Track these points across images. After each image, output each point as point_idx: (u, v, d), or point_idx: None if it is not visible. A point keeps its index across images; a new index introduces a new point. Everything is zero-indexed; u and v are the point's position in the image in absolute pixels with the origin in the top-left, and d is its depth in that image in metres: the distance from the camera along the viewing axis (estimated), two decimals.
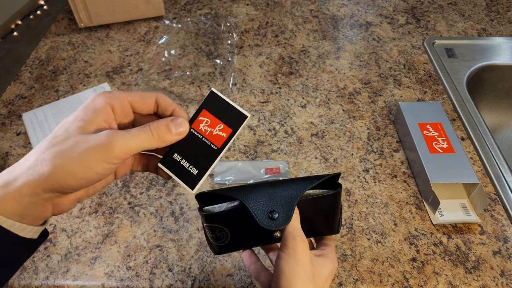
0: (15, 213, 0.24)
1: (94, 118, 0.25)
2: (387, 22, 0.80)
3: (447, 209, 0.49)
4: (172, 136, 0.27)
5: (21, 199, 0.24)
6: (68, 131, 0.25)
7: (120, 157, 0.24)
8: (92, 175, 0.24)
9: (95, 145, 0.24)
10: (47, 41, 0.76)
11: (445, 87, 0.66)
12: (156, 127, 0.26)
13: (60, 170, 0.23)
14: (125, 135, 0.25)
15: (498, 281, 0.43)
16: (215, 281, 0.43)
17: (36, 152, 0.24)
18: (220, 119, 0.29)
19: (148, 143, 0.26)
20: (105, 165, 0.24)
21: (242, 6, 0.85)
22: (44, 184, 0.23)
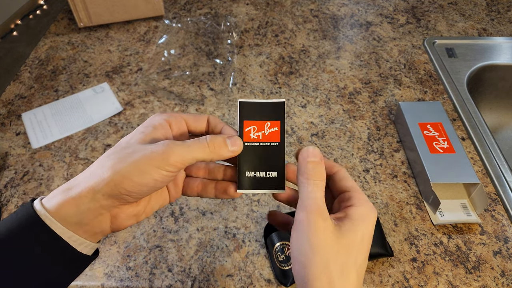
0: (73, 220, 0.25)
1: (154, 132, 0.27)
2: (388, 22, 0.80)
3: (448, 209, 0.48)
4: (227, 151, 0.28)
5: (80, 204, 0.25)
6: (129, 142, 0.26)
7: (175, 165, 0.25)
8: (148, 180, 0.25)
9: (151, 152, 0.25)
10: (47, 41, 0.76)
11: (446, 87, 0.66)
12: (213, 139, 0.27)
13: (118, 174, 0.24)
14: (181, 144, 0.26)
15: (499, 281, 0.43)
16: (215, 281, 0.43)
17: (98, 160, 0.26)
18: (263, 119, 0.30)
19: (203, 154, 0.26)
20: (160, 171, 0.25)
21: (242, 5, 0.84)
22: (103, 189, 0.24)
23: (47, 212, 0.25)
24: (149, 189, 0.26)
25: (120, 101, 0.64)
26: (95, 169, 0.25)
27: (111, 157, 0.25)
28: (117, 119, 0.61)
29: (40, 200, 0.26)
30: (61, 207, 0.25)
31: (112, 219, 0.27)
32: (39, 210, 0.25)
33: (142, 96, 0.65)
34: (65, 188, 0.26)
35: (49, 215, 0.25)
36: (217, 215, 0.49)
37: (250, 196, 0.51)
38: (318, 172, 0.26)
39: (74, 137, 0.59)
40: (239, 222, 0.48)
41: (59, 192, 0.26)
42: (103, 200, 0.25)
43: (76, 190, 0.25)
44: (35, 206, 0.26)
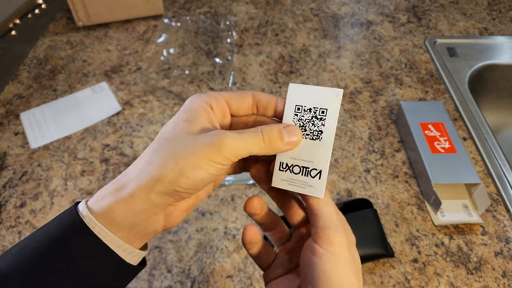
0: (126, 223, 0.23)
1: (197, 119, 0.24)
2: (388, 21, 0.80)
3: (449, 210, 0.48)
4: (284, 145, 0.25)
5: (134, 205, 0.23)
6: (175, 132, 0.24)
7: (229, 159, 0.23)
8: (203, 175, 0.23)
9: (205, 145, 0.23)
10: (45, 40, 0.76)
11: (447, 86, 0.65)
12: (269, 131, 0.24)
13: (173, 171, 0.22)
14: (236, 137, 0.23)
15: (500, 282, 0.43)
16: (214, 282, 0.43)
17: (147, 154, 0.24)
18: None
19: (258, 148, 0.24)
20: (216, 165, 0.23)
21: (242, 4, 0.84)
22: (156, 187, 0.22)
23: (94, 217, 0.23)
24: (204, 183, 0.23)
25: (119, 101, 0.64)
26: (145, 166, 0.23)
27: (160, 152, 0.23)
28: (116, 119, 0.61)
29: (86, 202, 0.24)
30: (112, 209, 0.23)
31: (165, 217, 0.25)
32: (85, 215, 0.23)
33: (141, 96, 0.65)
34: (114, 188, 0.23)
35: (97, 221, 0.22)
36: (216, 215, 0.49)
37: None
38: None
39: (72, 137, 0.59)
40: (239, 223, 0.48)
41: (108, 192, 0.23)
42: (157, 200, 0.23)
43: (126, 190, 0.23)
44: (80, 209, 0.23)
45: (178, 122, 0.24)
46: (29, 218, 0.49)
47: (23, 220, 0.49)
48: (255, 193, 0.51)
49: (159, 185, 0.22)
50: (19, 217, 0.49)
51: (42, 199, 0.51)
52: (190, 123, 0.24)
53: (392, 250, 0.45)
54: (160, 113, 0.62)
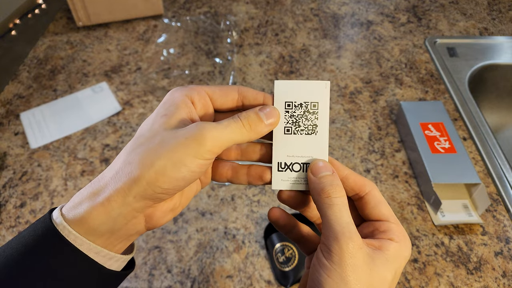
0: (104, 228, 0.21)
1: (176, 112, 0.23)
2: (388, 21, 0.80)
3: (449, 210, 0.48)
4: (264, 126, 0.24)
5: (111, 210, 0.21)
6: (152, 128, 0.22)
7: (213, 151, 0.22)
8: (185, 173, 0.21)
9: (185, 139, 0.21)
10: (45, 40, 0.76)
11: (447, 86, 0.65)
12: (246, 116, 0.23)
13: (151, 170, 0.21)
14: (216, 126, 0.22)
15: (500, 282, 0.43)
16: (214, 282, 0.43)
17: (122, 155, 0.22)
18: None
19: (240, 135, 0.23)
20: (198, 160, 0.21)
21: (242, 4, 0.84)
22: (134, 189, 0.21)
23: (69, 225, 0.21)
24: (186, 182, 0.22)
25: (119, 101, 0.64)
26: (122, 166, 0.21)
27: (137, 150, 0.22)
28: (116, 119, 0.61)
29: (60, 209, 0.22)
30: (88, 216, 0.21)
31: (146, 219, 0.23)
32: (59, 223, 0.21)
33: (141, 96, 0.65)
34: (90, 192, 0.22)
35: (72, 229, 0.21)
36: (216, 215, 0.49)
37: (250, 197, 0.51)
38: (336, 186, 0.23)
39: (72, 137, 0.59)
40: (239, 223, 0.48)
41: (84, 197, 0.22)
42: (136, 203, 0.21)
43: (103, 194, 0.21)
44: (54, 217, 0.22)
45: (156, 118, 0.23)
46: (29, 218, 0.49)
47: (23, 220, 0.49)
48: (255, 193, 0.51)
49: (137, 187, 0.21)
50: (19, 217, 0.49)
51: (42, 199, 0.51)
52: (168, 117, 0.23)
53: None
54: None
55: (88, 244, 0.21)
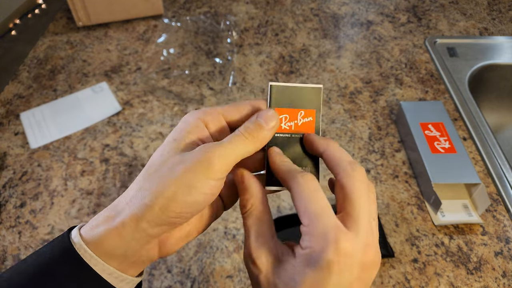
0: (118, 252, 0.22)
1: (186, 136, 0.23)
2: (388, 21, 0.80)
3: (449, 210, 0.48)
4: (267, 132, 0.24)
5: (125, 235, 0.22)
6: (163, 155, 0.23)
7: (222, 170, 0.22)
8: (197, 196, 0.21)
9: (193, 163, 0.21)
10: (45, 40, 0.76)
11: (447, 86, 0.65)
12: (246, 127, 0.24)
13: (162, 197, 0.21)
14: (220, 145, 0.22)
15: (500, 282, 0.43)
16: (214, 282, 0.43)
17: (138, 181, 0.23)
18: (296, 107, 0.26)
19: (245, 147, 0.23)
20: (209, 182, 0.21)
21: (242, 4, 0.84)
22: (148, 216, 0.21)
23: (86, 245, 0.22)
24: (199, 206, 0.22)
25: (119, 101, 0.64)
26: (135, 193, 0.22)
27: (149, 178, 0.22)
28: (116, 119, 0.61)
29: (79, 229, 0.23)
30: (104, 239, 0.22)
31: (160, 246, 0.23)
32: (76, 243, 0.22)
33: (141, 96, 0.65)
34: (106, 216, 0.22)
35: (88, 248, 0.22)
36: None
37: None
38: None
39: (72, 137, 0.59)
40: (239, 223, 0.48)
41: (101, 220, 0.22)
42: (150, 229, 0.22)
43: (118, 218, 0.22)
44: (72, 236, 0.22)
45: (166, 144, 0.23)
46: (29, 218, 0.49)
47: (23, 220, 0.49)
48: None
49: (149, 213, 0.21)
50: (19, 217, 0.49)
51: (42, 199, 0.51)
52: (177, 142, 0.23)
53: (392, 250, 0.45)
54: (160, 113, 0.62)
55: (102, 264, 0.22)
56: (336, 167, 0.23)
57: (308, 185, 0.22)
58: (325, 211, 0.21)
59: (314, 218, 0.21)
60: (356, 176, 0.22)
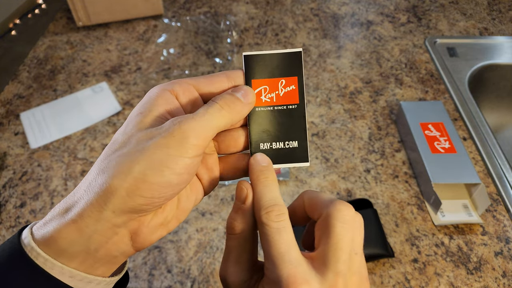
0: (78, 249, 0.18)
1: (153, 109, 0.20)
2: (388, 21, 0.80)
3: (449, 210, 0.48)
4: (244, 106, 0.21)
5: (84, 228, 0.18)
6: (126, 131, 0.20)
7: (198, 145, 0.19)
8: (170, 176, 0.18)
9: (164, 137, 0.18)
10: (45, 40, 0.76)
11: (447, 86, 0.65)
12: (221, 97, 0.21)
13: (128, 178, 0.18)
14: (193, 116, 0.19)
15: (500, 282, 0.43)
16: (214, 282, 0.43)
17: (95, 165, 0.19)
18: (276, 76, 0.23)
19: (222, 118, 0.20)
20: (183, 159, 0.18)
21: (242, 4, 0.84)
22: (112, 202, 0.18)
23: (38, 245, 0.18)
24: (173, 189, 0.19)
25: (119, 101, 0.64)
26: (94, 177, 0.19)
27: (111, 157, 0.19)
28: (116, 119, 0.61)
29: (31, 227, 0.19)
30: (58, 235, 0.18)
31: (132, 236, 0.20)
32: (26, 244, 0.18)
33: (141, 96, 0.65)
34: (62, 208, 0.19)
35: (40, 250, 0.18)
36: (216, 215, 0.49)
37: None
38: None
39: (72, 137, 0.59)
40: None
41: (55, 214, 0.19)
42: (115, 218, 0.18)
43: (76, 209, 0.19)
44: (22, 237, 0.19)
45: (130, 118, 0.20)
46: (29, 218, 0.49)
47: (23, 220, 0.49)
48: None
49: (114, 199, 0.18)
50: (19, 217, 0.49)
51: (42, 199, 0.51)
52: (143, 116, 0.20)
53: (392, 250, 0.45)
54: None
55: (60, 267, 0.18)
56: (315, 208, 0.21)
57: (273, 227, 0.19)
58: (284, 257, 0.19)
59: (270, 262, 0.19)
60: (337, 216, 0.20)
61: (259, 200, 0.21)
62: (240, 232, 0.21)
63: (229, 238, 0.21)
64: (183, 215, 0.22)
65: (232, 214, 0.21)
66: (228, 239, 0.21)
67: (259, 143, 0.24)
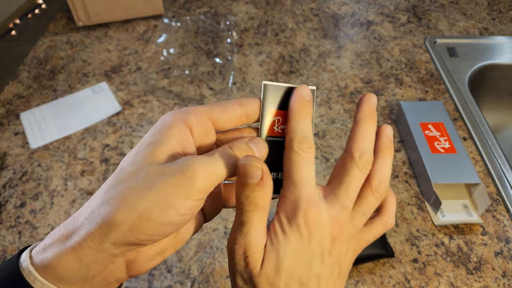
0: (76, 276, 0.19)
1: (165, 141, 0.20)
2: (389, 21, 0.80)
3: (449, 210, 0.48)
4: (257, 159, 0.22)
5: (83, 258, 0.18)
6: (135, 161, 0.19)
7: (205, 189, 0.19)
8: (174, 217, 0.18)
9: (175, 177, 0.18)
10: (45, 40, 0.76)
11: (447, 86, 0.65)
12: (238, 147, 0.21)
13: (133, 214, 0.18)
14: (207, 160, 0.19)
15: (500, 282, 0.43)
16: (214, 282, 0.43)
17: (100, 193, 0.19)
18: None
19: (234, 167, 0.20)
20: (189, 202, 0.18)
21: (242, 4, 0.84)
22: (113, 235, 0.18)
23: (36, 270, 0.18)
24: (174, 228, 0.19)
25: (119, 101, 0.64)
26: (98, 206, 0.19)
27: (118, 188, 0.19)
28: (116, 119, 0.61)
29: (30, 251, 0.19)
30: (57, 262, 0.18)
31: (128, 265, 0.20)
32: (24, 268, 0.18)
33: (141, 96, 0.65)
34: (62, 234, 0.19)
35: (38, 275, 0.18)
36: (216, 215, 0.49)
37: None
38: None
39: (72, 137, 0.59)
40: None
41: (55, 239, 0.19)
42: (114, 249, 0.18)
43: (76, 237, 0.18)
44: (21, 260, 0.19)
45: (141, 147, 0.20)
46: (29, 218, 0.49)
47: (23, 220, 0.49)
48: None
49: (116, 233, 0.18)
50: (19, 217, 0.49)
51: (42, 199, 0.51)
52: (154, 147, 0.20)
53: (392, 250, 0.45)
54: (160, 113, 0.62)
55: None
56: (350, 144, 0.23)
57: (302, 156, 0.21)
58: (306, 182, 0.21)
59: (292, 184, 0.21)
60: (359, 165, 0.22)
61: (295, 129, 0.22)
62: (262, 205, 0.21)
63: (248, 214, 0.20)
64: (180, 244, 0.23)
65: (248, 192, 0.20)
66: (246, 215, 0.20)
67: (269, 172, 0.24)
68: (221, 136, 0.24)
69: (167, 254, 0.22)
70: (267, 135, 0.24)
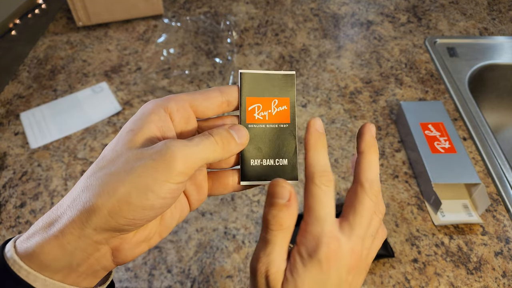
0: (60, 264, 0.19)
1: (144, 127, 0.20)
2: (389, 21, 0.80)
3: (449, 210, 0.48)
4: (236, 145, 0.22)
5: (66, 245, 0.19)
6: (115, 148, 0.20)
7: (185, 172, 0.19)
8: (154, 201, 0.18)
9: (152, 161, 0.18)
10: (45, 40, 0.76)
11: (447, 86, 0.65)
12: (218, 133, 0.21)
13: (113, 198, 0.18)
14: (187, 144, 0.19)
15: (500, 282, 0.43)
16: (214, 282, 0.43)
17: (81, 181, 0.20)
18: (269, 96, 0.25)
19: (213, 152, 0.21)
20: (168, 185, 0.19)
21: (242, 4, 0.84)
22: (94, 220, 0.18)
23: (20, 259, 0.19)
24: (155, 212, 0.19)
25: (119, 101, 0.64)
26: (79, 193, 0.19)
27: (98, 174, 0.19)
28: (116, 119, 0.61)
29: (14, 241, 0.20)
30: (41, 250, 0.19)
31: (114, 253, 0.21)
32: (9, 257, 0.19)
33: (141, 96, 0.65)
34: (45, 222, 0.19)
35: (23, 263, 0.19)
36: (216, 215, 0.49)
37: (250, 197, 0.50)
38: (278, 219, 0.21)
39: (72, 137, 0.59)
40: (239, 223, 0.48)
41: (38, 228, 0.19)
42: (96, 235, 0.19)
43: (58, 225, 0.19)
44: (5, 250, 0.19)
45: (121, 134, 0.20)
46: (29, 218, 0.49)
47: (23, 220, 0.49)
48: (255, 193, 0.51)
49: (96, 218, 0.18)
50: (19, 217, 0.49)
51: (42, 199, 0.51)
52: (134, 134, 0.20)
53: (392, 250, 0.45)
54: None
55: (43, 280, 0.19)
56: (359, 174, 0.23)
57: (323, 190, 0.22)
58: (328, 217, 0.21)
59: (315, 220, 0.21)
60: (369, 194, 0.22)
61: (315, 164, 0.22)
62: (287, 226, 0.21)
63: (273, 233, 0.21)
64: (166, 232, 0.23)
65: (275, 211, 0.21)
66: (271, 234, 0.21)
67: (250, 159, 0.24)
68: (203, 124, 0.24)
69: (153, 242, 0.22)
70: (248, 122, 0.24)
